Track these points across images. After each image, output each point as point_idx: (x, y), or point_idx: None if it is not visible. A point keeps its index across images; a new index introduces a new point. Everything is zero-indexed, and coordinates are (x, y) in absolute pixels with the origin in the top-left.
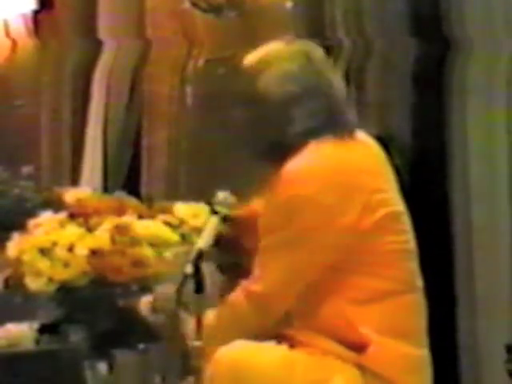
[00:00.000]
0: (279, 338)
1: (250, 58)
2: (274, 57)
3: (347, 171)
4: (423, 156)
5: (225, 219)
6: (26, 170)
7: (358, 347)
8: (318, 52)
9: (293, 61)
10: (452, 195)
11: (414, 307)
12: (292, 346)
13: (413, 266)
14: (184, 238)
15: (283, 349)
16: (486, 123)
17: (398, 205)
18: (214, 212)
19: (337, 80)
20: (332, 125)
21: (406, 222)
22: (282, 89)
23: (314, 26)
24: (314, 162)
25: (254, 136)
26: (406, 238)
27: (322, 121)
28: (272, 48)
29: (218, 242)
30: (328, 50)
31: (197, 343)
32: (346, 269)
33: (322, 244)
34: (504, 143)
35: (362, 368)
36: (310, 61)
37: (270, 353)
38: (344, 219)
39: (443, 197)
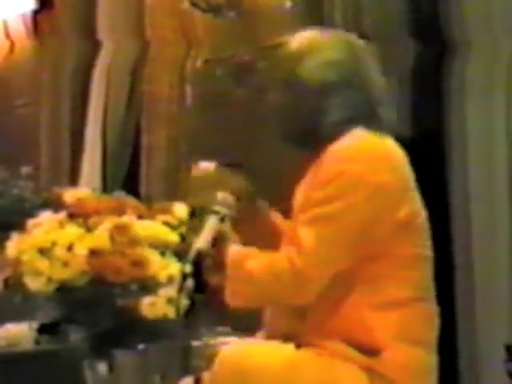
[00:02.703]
0: (287, 336)
1: (291, 44)
2: (317, 44)
3: (392, 158)
4: (422, 156)
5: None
6: (26, 170)
7: (371, 351)
8: (359, 43)
9: (335, 50)
10: (451, 195)
11: (431, 316)
12: (299, 345)
13: (431, 273)
14: (183, 238)
15: (289, 348)
16: (486, 123)
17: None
18: (213, 212)
19: (377, 74)
20: (367, 118)
21: (428, 229)
22: (321, 77)
23: (313, 26)
24: (362, 142)
25: (288, 119)
26: (428, 243)
27: (357, 113)
28: (314, 35)
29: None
30: None
31: (196, 343)
32: (373, 271)
33: (363, 225)
34: (503, 143)
35: (370, 371)
36: (351, 51)
37: (275, 352)
38: (385, 203)
39: (442, 197)
